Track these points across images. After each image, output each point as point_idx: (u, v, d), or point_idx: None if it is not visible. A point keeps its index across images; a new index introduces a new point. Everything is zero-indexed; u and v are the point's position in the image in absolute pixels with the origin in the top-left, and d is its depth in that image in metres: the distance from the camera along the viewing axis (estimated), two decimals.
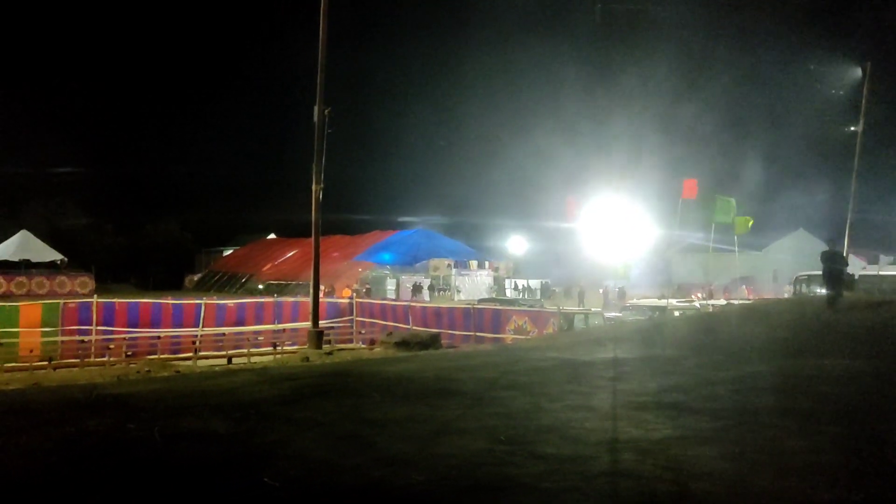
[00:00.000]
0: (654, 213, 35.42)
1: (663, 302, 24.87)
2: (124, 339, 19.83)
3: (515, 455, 4.42)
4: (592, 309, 23.98)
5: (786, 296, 28.53)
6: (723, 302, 24.38)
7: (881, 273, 26.24)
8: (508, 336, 19.39)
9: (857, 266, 27.35)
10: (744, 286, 40.80)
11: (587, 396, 6.41)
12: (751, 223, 32.98)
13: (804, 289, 27.80)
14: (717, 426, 5.21)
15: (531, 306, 27.15)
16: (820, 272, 15.58)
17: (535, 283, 46.99)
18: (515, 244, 51.43)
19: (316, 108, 15.69)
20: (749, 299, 28.27)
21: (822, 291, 25.36)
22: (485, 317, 20.90)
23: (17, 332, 18.48)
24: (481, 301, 30.05)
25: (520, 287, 46.13)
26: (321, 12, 15.60)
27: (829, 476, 4.02)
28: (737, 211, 32.17)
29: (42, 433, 5.19)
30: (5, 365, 16.60)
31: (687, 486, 3.83)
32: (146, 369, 11.56)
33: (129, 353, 18.95)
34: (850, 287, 20.04)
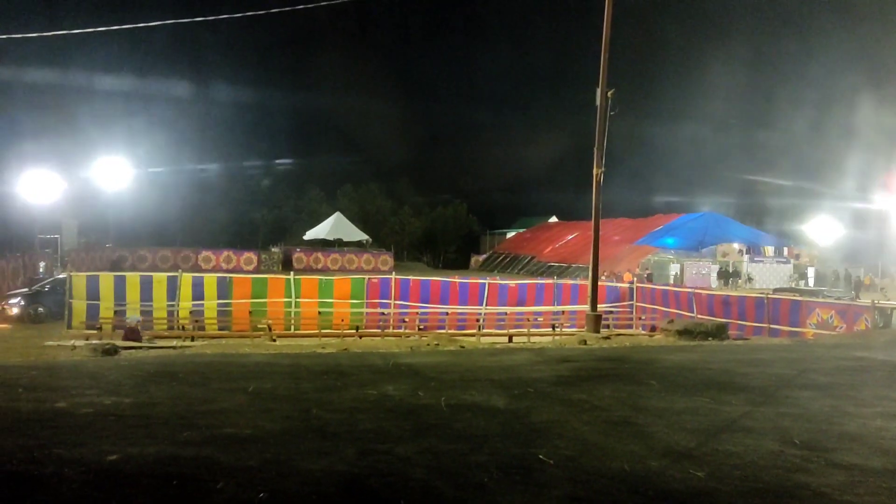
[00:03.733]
0: None
1: None
2: (417, 313, 21.68)
3: (811, 461, 4.00)
4: None
5: None
6: None
7: None
8: (809, 331, 17.52)
9: None
10: None
11: None
12: None
13: None
14: None
15: (838, 298, 24.18)
16: None
17: (848, 272, 41.75)
18: (821, 229, 46.01)
19: (598, 91, 15.54)
20: None
21: None
22: (781, 308, 19.10)
23: (332, 302, 21.17)
24: (777, 290, 27.51)
25: (822, 276, 41.33)
26: None
27: None
28: None
29: (351, 393, 5.91)
30: (323, 331, 19.14)
31: None
32: (435, 342, 12.51)
33: (421, 327, 20.66)
34: None
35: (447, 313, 21.95)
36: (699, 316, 19.99)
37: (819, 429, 4.79)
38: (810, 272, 42.71)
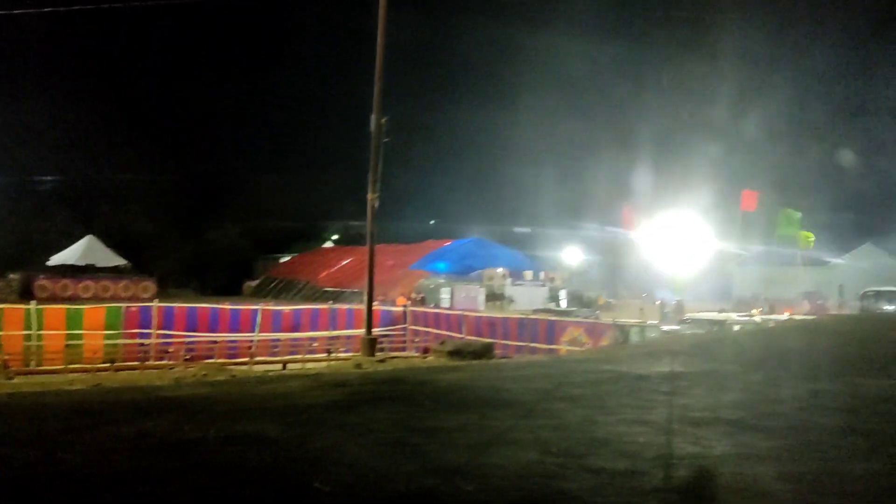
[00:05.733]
0: (714, 225, 34.70)
1: (722, 316, 24.26)
2: (183, 342, 20.37)
3: (567, 468, 4.35)
4: (648, 321, 23.54)
5: (851, 312, 27.49)
6: (785, 316, 23.62)
7: None
8: (563, 347, 19.20)
9: None
10: (806, 301, 39.56)
11: (643, 410, 6.27)
12: (812, 239, 32.08)
13: (871, 305, 26.75)
14: (777, 445, 5.03)
15: (586, 317, 26.83)
16: (889, 288, 14.99)
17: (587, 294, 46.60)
18: (570, 254, 51.02)
19: (373, 118, 15.85)
20: (813, 315, 27.34)
21: (891, 308, 24.42)
22: (539, 327, 20.75)
23: (82, 334, 19.17)
24: (536, 311, 29.83)
25: (578, 297, 45.77)
26: (379, 20, 15.75)
27: None
28: (800, 225, 31.33)
29: (104, 433, 5.35)
30: (70, 366, 17.26)
31: None
32: (203, 373, 11.84)
33: (188, 357, 19.45)
34: None
35: (216, 342, 20.89)
36: (468, 337, 21.03)
37: (573, 437, 5.23)
38: (563, 294, 46.92)
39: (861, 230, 48.88)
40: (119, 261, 43.37)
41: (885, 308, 25.21)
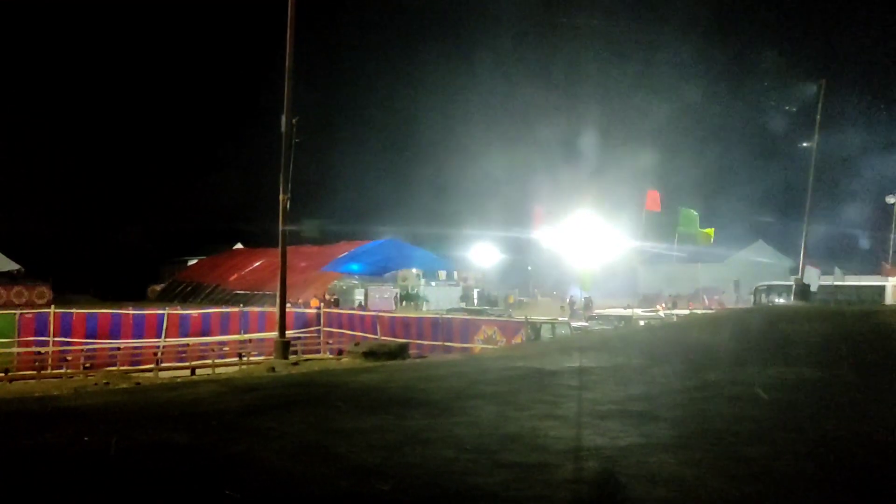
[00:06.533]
0: (620, 224, 35.95)
1: (629, 312, 25.17)
2: (82, 350, 19.41)
3: (481, 464, 4.43)
4: (559, 318, 24.14)
5: (745, 305, 29.08)
6: (686, 311, 24.76)
7: (836, 283, 27.00)
8: (477, 346, 19.40)
9: (814, 277, 28.02)
10: (705, 296, 41.59)
11: (553, 405, 6.44)
12: (713, 235, 33.77)
13: (763, 299, 28.37)
14: (678, 434, 5.29)
15: (499, 316, 27.23)
16: (779, 282, 15.94)
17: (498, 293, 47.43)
18: (483, 254, 51.64)
19: (283, 118, 15.58)
20: (711, 309, 28.77)
21: (781, 301, 26.00)
22: (453, 326, 20.89)
23: None
24: (450, 311, 30.04)
25: (487, 296, 46.45)
26: (288, 20, 15.51)
27: (784, 482, 4.12)
28: (699, 223, 32.92)
29: None
30: None
31: (648, 493, 3.88)
32: (105, 381, 11.36)
33: (88, 365, 18.56)
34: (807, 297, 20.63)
35: (119, 348, 20.01)
36: (383, 337, 20.96)
37: (486, 433, 5.33)
38: (475, 293, 47.53)
39: (753, 228, 51.83)
40: (11, 265, 40.95)
41: (775, 301, 26.80)
